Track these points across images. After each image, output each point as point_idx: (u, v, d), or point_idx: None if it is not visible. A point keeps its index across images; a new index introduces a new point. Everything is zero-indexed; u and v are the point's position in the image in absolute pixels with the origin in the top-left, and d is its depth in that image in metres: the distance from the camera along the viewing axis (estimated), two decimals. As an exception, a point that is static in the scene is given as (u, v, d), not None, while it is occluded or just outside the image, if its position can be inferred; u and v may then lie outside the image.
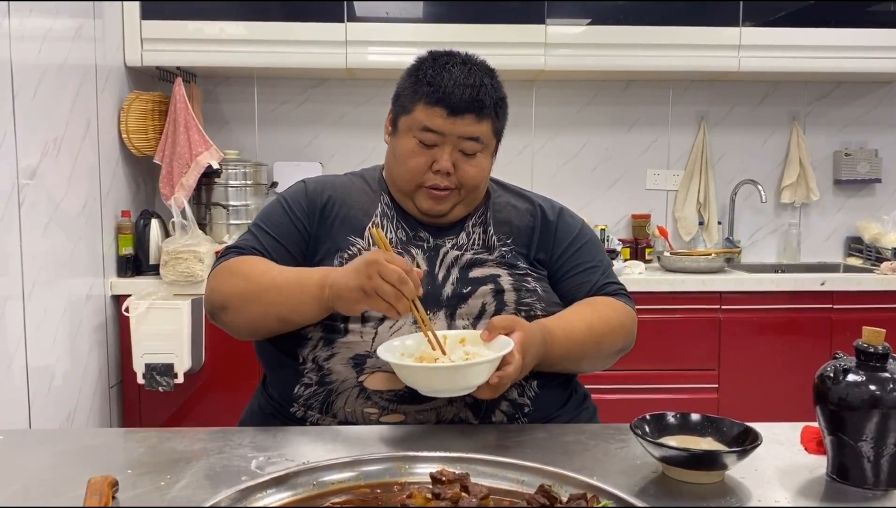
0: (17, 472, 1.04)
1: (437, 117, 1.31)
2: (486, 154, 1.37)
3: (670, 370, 2.87)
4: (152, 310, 2.62)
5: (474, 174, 1.35)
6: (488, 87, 1.33)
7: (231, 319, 1.32)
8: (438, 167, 1.32)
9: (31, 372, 2.19)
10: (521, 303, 1.34)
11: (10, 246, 2.10)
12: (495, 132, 1.37)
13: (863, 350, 0.99)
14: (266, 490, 0.88)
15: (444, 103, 1.30)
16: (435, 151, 1.33)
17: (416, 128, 1.33)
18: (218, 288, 1.33)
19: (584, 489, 0.88)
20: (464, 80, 1.31)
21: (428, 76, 1.32)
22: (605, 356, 1.38)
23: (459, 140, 1.33)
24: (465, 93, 1.30)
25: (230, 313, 1.32)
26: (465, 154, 1.34)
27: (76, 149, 2.48)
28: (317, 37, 2.89)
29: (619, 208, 3.46)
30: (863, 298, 2.89)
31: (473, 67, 1.34)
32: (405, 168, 1.35)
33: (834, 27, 3.00)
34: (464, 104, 1.30)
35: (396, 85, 1.40)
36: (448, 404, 1.26)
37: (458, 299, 1.32)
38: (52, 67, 2.32)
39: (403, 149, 1.35)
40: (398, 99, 1.38)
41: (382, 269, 1.13)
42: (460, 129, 1.32)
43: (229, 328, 1.35)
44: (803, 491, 0.99)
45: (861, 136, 3.48)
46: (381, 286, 1.13)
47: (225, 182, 2.98)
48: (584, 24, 2.98)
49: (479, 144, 1.34)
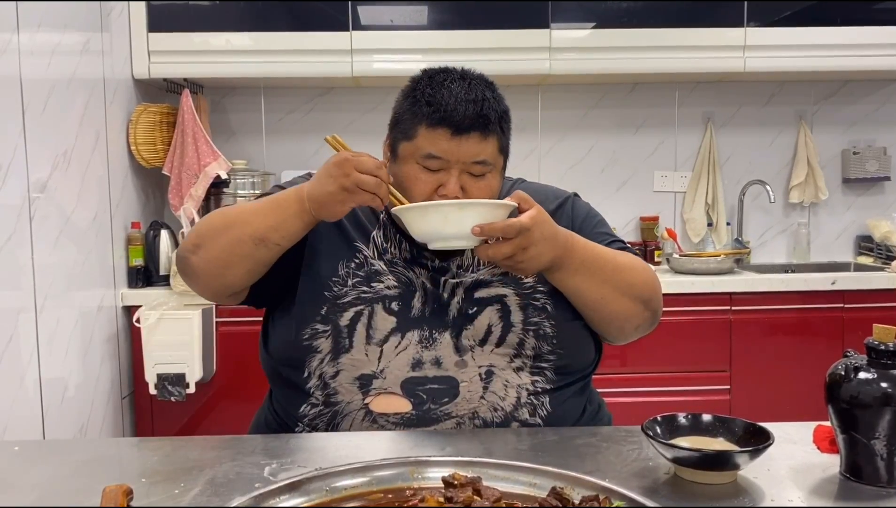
0: (33, 482, 1.04)
1: (442, 140, 1.23)
2: (495, 174, 1.29)
3: (681, 372, 2.86)
4: (163, 320, 2.63)
5: (483, 197, 1.26)
6: (490, 100, 1.26)
7: (202, 256, 1.26)
8: (446, 192, 1.24)
9: (45, 384, 2.20)
10: (529, 322, 1.30)
11: (21, 259, 2.11)
12: (501, 150, 1.29)
13: (874, 348, 0.99)
14: (279, 497, 0.89)
15: (447, 123, 1.22)
16: (441, 174, 1.25)
17: (420, 155, 1.25)
18: (193, 232, 1.29)
19: (597, 491, 0.88)
20: (465, 95, 1.24)
21: (426, 95, 1.25)
22: (631, 295, 1.29)
23: (466, 164, 1.25)
24: (468, 109, 1.23)
25: (202, 250, 1.26)
26: (474, 175, 1.26)
27: (86, 162, 2.50)
28: (322, 46, 2.91)
29: (627, 211, 3.45)
30: (874, 296, 2.88)
31: (473, 82, 1.27)
32: (410, 197, 1.25)
33: (840, 26, 2.99)
34: (468, 121, 1.22)
35: (393, 109, 1.32)
36: (456, 427, 1.26)
37: (464, 320, 1.29)
38: (60, 82, 2.34)
39: (406, 176, 1.26)
40: (397, 124, 1.29)
41: (356, 163, 1.14)
42: (466, 151, 1.24)
43: (199, 272, 1.28)
44: (817, 490, 0.99)
45: (869, 134, 3.46)
46: (361, 178, 1.14)
47: (233, 192, 3.00)
48: (589, 27, 2.98)
49: (486, 166, 1.26)
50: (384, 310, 1.28)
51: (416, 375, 1.26)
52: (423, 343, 1.27)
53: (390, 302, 1.29)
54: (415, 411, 1.26)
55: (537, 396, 1.29)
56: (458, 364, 1.27)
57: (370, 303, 1.29)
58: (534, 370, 1.30)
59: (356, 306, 1.28)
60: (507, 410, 1.28)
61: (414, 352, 1.27)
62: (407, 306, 1.29)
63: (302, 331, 1.29)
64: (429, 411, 1.26)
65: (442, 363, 1.27)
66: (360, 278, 1.30)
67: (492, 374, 1.28)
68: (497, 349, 1.29)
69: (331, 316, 1.28)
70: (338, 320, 1.28)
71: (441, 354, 1.27)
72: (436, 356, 1.27)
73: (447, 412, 1.26)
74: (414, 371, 1.26)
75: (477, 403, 1.27)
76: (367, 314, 1.28)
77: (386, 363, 1.27)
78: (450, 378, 1.26)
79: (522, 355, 1.29)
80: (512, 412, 1.28)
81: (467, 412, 1.27)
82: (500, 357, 1.29)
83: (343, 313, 1.28)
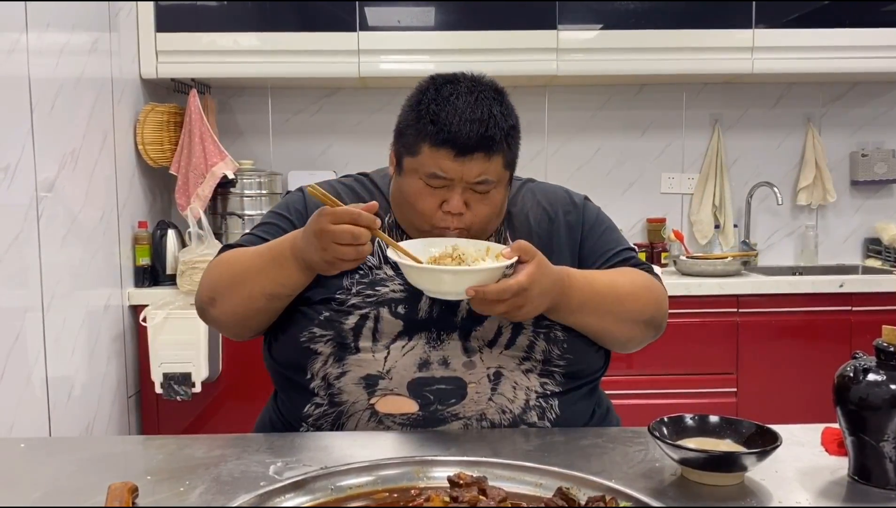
0: (39, 479, 1.04)
1: (445, 160, 1.22)
2: (500, 189, 1.28)
3: (688, 375, 2.85)
4: (169, 320, 2.63)
5: (487, 213, 1.27)
6: (497, 117, 1.23)
7: (221, 310, 1.30)
8: (449, 208, 1.24)
9: (51, 383, 2.21)
10: (540, 325, 1.29)
11: (29, 258, 2.12)
12: (507, 165, 1.27)
13: (883, 349, 0.98)
14: (284, 495, 0.89)
15: (451, 144, 1.21)
16: (444, 191, 1.24)
17: (423, 173, 1.24)
18: (204, 283, 1.32)
19: (603, 491, 0.88)
20: (470, 114, 1.21)
21: (431, 112, 1.22)
22: (632, 320, 1.30)
23: (470, 183, 1.24)
24: (473, 130, 1.20)
25: (218, 303, 1.30)
26: (478, 192, 1.25)
27: (93, 161, 2.50)
28: (329, 46, 2.91)
29: (634, 213, 3.44)
30: (882, 299, 2.87)
31: (480, 96, 1.24)
32: (414, 211, 1.27)
33: (848, 27, 2.98)
34: (472, 142, 1.21)
35: (398, 116, 1.30)
36: (463, 429, 1.25)
37: (473, 322, 1.28)
38: (68, 81, 2.35)
39: (410, 190, 1.26)
40: (401, 137, 1.28)
41: (333, 236, 1.13)
42: (469, 170, 1.22)
43: (220, 323, 1.33)
44: (825, 493, 0.98)
45: (878, 136, 3.45)
46: (339, 251, 1.13)
47: (240, 192, 3.01)
48: (597, 28, 2.98)
49: (490, 185, 1.25)
50: (390, 314, 1.28)
51: (423, 375, 1.25)
52: (431, 344, 1.27)
53: (396, 306, 1.28)
54: (421, 412, 1.25)
55: (546, 399, 1.29)
56: (466, 365, 1.26)
57: (375, 306, 1.28)
58: (543, 373, 1.29)
59: (361, 310, 1.28)
60: (515, 413, 1.27)
61: (421, 352, 1.26)
62: (413, 309, 1.28)
63: (303, 334, 1.29)
64: (436, 412, 1.25)
65: (450, 364, 1.26)
66: (365, 285, 1.30)
67: (500, 375, 1.27)
68: (506, 350, 1.28)
69: (334, 320, 1.28)
70: (342, 324, 1.28)
71: (449, 354, 1.26)
72: (443, 356, 1.26)
73: (454, 414, 1.25)
74: (421, 372, 1.26)
75: (485, 405, 1.26)
76: (372, 318, 1.27)
77: (392, 363, 1.26)
78: (457, 379, 1.26)
79: (532, 358, 1.28)
80: (520, 415, 1.27)
81: (475, 413, 1.26)
82: (510, 359, 1.28)
83: (347, 316, 1.28)
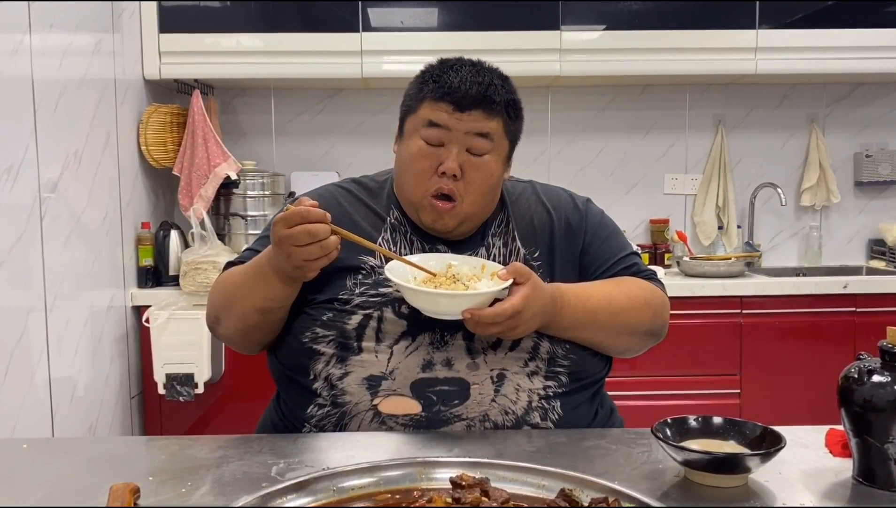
0: (41, 480, 1.04)
1: (443, 112, 1.25)
2: (497, 157, 1.29)
3: (692, 376, 2.85)
4: (172, 321, 2.63)
5: (481, 183, 1.27)
6: (498, 87, 1.27)
7: (224, 329, 1.35)
8: (444, 169, 1.25)
9: (54, 383, 2.21)
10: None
11: (32, 259, 2.12)
12: (508, 133, 1.30)
13: (887, 351, 0.98)
14: (286, 496, 0.89)
15: (450, 98, 1.24)
16: (441, 151, 1.26)
17: (421, 125, 1.27)
18: (209, 304, 1.38)
19: (606, 493, 0.87)
20: (472, 78, 1.26)
21: (434, 75, 1.28)
22: (628, 333, 1.32)
23: (467, 137, 1.26)
24: (473, 89, 1.24)
25: (222, 323, 1.35)
26: (473, 154, 1.27)
27: (96, 162, 2.51)
28: (332, 47, 2.91)
29: (637, 214, 3.44)
30: (886, 300, 2.86)
31: (483, 69, 1.29)
32: (410, 173, 1.28)
33: (852, 28, 2.97)
34: (470, 99, 1.24)
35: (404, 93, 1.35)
36: (466, 430, 1.25)
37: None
38: (72, 82, 2.35)
39: (409, 151, 1.29)
40: (404, 102, 1.33)
41: (292, 239, 1.13)
42: (467, 124, 1.25)
43: (228, 340, 1.38)
44: (829, 495, 0.98)
45: (882, 137, 3.44)
46: (302, 253, 1.14)
47: (243, 193, 3.01)
48: (600, 29, 2.97)
49: (488, 141, 1.26)
50: (394, 313, 1.27)
51: (426, 376, 1.25)
52: (435, 345, 1.26)
53: (400, 305, 1.28)
54: (424, 412, 1.25)
55: (549, 400, 1.28)
56: (469, 367, 1.26)
57: (379, 307, 1.28)
58: (548, 374, 1.29)
59: (364, 310, 1.28)
60: (518, 414, 1.27)
61: (425, 353, 1.26)
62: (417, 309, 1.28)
63: (305, 335, 1.29)
64: (438, 413, 1.25)
65: (453, 365, 1.26)
66: (368, 285, 1.30)
67: (504, 377, 1.27)
68: (511, 352, 1.28)
69: (336, 321, 1.28)
70: (344, 324, 1.27)
71: (453, 355, 1.26)
72: (447, 357, 1.26)
73: (457, 415, 1.25)
74: (424, 373, 1.25)
75: (488, 406, 1.26)
76: (376, 318, 1.27)
77: (396, 363, 1.26)
78: (461, 380, 1.25)
79: (537, 359, 1.28)
80: (523, 416, 1.27)
81: (478, 414, 1.26)
82: (514, 361, 1.28)
83: (350, 317, 1.28)
